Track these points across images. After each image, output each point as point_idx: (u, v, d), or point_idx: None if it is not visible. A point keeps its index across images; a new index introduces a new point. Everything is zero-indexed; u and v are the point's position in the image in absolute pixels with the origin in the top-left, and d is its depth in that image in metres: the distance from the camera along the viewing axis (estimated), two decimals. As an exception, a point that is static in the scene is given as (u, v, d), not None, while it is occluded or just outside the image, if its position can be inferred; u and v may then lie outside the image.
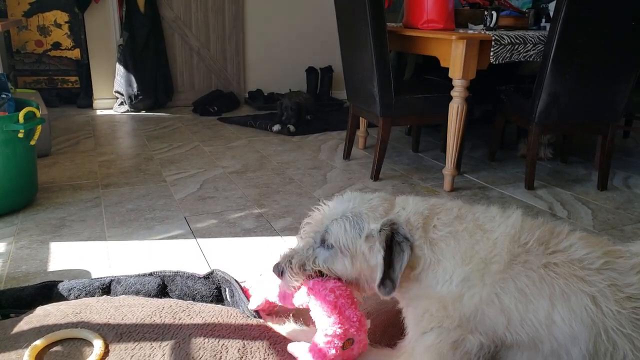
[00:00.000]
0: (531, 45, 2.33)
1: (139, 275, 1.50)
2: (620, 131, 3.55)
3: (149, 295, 1.42)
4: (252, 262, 1.74)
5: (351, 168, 2.83)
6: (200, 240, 1.89)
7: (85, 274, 1.63)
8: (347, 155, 2.99)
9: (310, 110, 3.88)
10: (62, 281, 1.46)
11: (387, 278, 1.07)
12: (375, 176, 2.62)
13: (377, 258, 1.08)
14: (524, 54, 2.34)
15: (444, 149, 2.84)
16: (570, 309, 0.97)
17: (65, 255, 1.74)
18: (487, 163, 2.97)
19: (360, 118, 3.03)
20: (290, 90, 4.41)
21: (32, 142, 2.08)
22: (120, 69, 4.10)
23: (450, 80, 2.37)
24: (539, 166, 2.87)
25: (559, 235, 1.08)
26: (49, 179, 2.49)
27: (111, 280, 1.47)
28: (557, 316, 0.98)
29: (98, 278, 1.49)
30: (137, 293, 1.42)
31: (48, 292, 1.43)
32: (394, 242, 1.08)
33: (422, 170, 2.83)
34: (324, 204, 1.22)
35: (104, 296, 1.42)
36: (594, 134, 2.64)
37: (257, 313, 1.33)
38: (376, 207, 1.15)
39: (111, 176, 2.58)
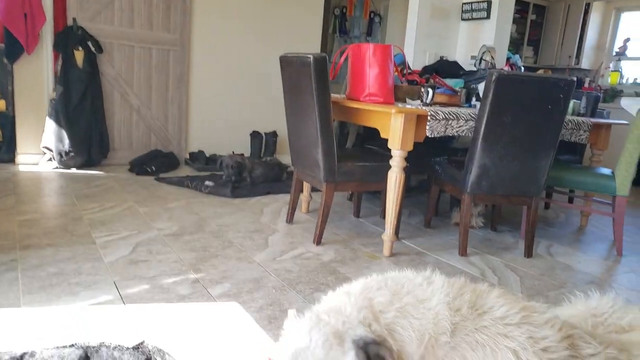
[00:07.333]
0: (463, 121, 2.51)
1: (57, 347, 1.35)
2: (542, 203, 3.82)
3: (70, 370, 1.28)
4: (186, 330, 1.63)
5: (294, 232, 2.81)
6: (130, 306, 1.75)
7: (-7, 346, 1.44)
8: (290, 219, 2.97)
9: (256, 170, 3.88)
10: (-36, 355, 1.28)
11: None
12: (318, 240, 2.61)
13: None
14: (457, 129, 2.50)
15: (383, 215, 2.91)
16: None
17: (-30, 325, 1.54)
18: (423, 230, 3.07)
19: (304, 182, 3.06)
20: (233, 152, 4.40)
21: (-55, 197, 1.89)
22: (50, 124, 3.92)
23: (390, 150, 2.48)
24: (471, 234, 3.00)
25: (481, 295, 1.13)
26: (-41, 237, 2.26)
27: (23, 354, 1.30)
28: None
29: (7, 351, 1.32)
30: (56, 367, 1.27)
31: (-54, 368, 1.24)
32: (371, 355, 0.98)
33: (363, 235, 2.86)
34: None
35: (15, 372, 1.25)
36: (519, 205, 2.82)
37: None
38: (325, 341, 1.02)
39: (32, 237, 2.37)
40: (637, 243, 3.17)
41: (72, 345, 1.36)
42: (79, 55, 3.96)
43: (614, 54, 6.32)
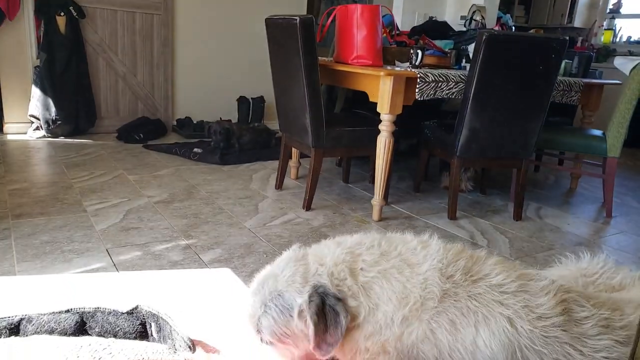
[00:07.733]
0: (453, 84, 2.49)
1: (53, 312, 1.37)
2: (532, 165, 3.85)
3: (65, 334, 1.31)
4: (178, 295, 1.66)
5: (283, 198, 2.83)
6: (123, 273, 1.78)
7: (-11, 313, 1.46)
8: (279, 185, 2.98)
9: (243, 136, 3.85)
10: (-40, 322, 1.30)
11: (324, 342, 1.05)
12: (307, 206, 2.63)
13: (309, 331, 1.05)
14: (447, 92, 2.49)
15: (372, 180, 2.92)
16: (491, 331, 1.03)
17: (-35, 293, 1.56)
18: (412, 194, 3.10)
19: (293, 148, 3.06)
20: (220, 118, 4.37)
21: None
22: (36, 92, 3.85)
23: (378, 114, 2.47)
24: (461, 197, 3.03)
25: (478, 262, 1.14)
26: (-51, 208, 2.25)
27: (21, 319, 1.33)
28: (480, 340, 1.03)
29: (4, 317, 1.34)
30: (51, 332, 1.30)
31: (-57, 335, 1.27)
32: (326, 307, 1.04)
33: (352, 200, 2.88)
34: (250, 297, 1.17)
35: (12, 337, 1.28)
36: (509, 168, 2.84)
37: (193, 344, 1.26)
38: (292, 276, 1.10)
39: (24, 206, 2.37)
40: (626, 204, 3.22)
41: (68, 311, 1.38)
42: (61, 21, 3.85)
43: (608, 11, 6.23)
